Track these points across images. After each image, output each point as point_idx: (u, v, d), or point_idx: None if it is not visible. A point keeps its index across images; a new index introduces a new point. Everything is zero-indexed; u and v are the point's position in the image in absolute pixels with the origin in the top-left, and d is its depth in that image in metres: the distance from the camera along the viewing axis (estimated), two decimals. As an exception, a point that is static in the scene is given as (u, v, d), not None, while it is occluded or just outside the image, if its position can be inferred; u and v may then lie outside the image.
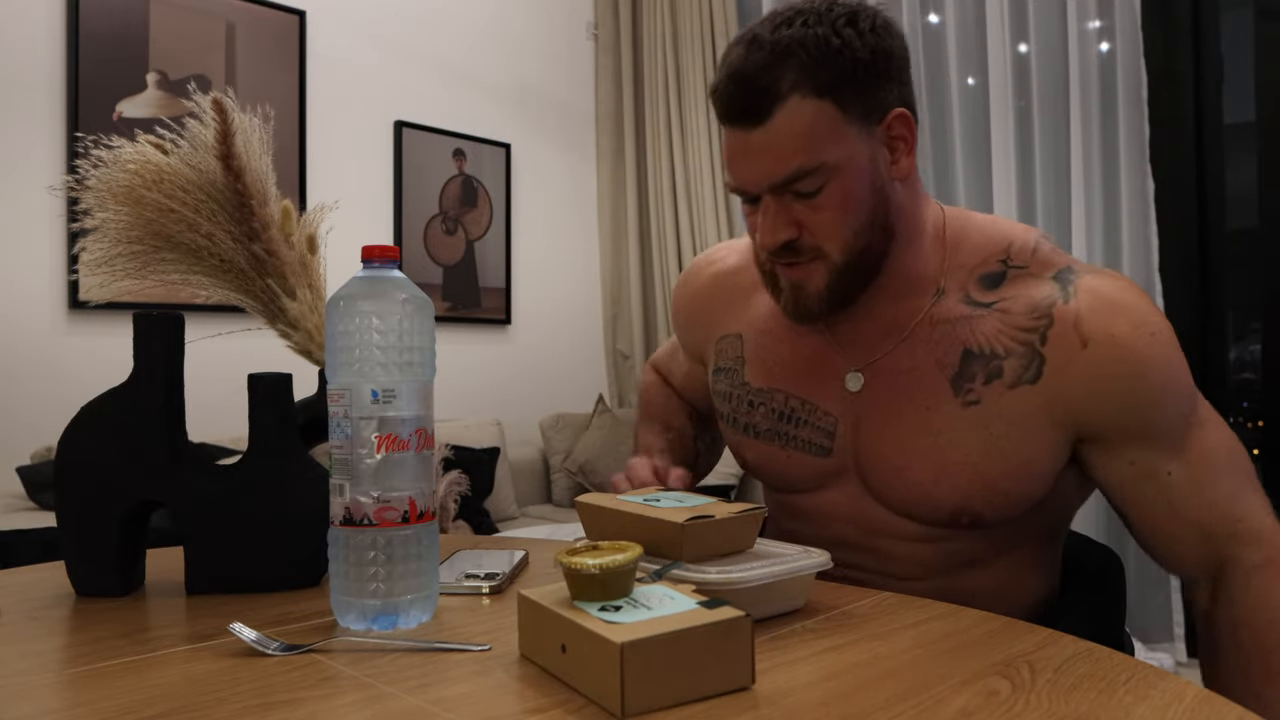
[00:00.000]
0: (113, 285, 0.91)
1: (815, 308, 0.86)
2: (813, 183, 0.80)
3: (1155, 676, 0.58)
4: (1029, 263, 0.87)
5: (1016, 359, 0.83)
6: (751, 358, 0.98)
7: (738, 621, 0.55)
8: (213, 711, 0.53)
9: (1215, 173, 2.67)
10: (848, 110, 0.80)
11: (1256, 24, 2.58)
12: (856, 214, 0.82)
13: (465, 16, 3.57)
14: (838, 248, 0.83)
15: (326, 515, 0.71)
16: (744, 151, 0.81)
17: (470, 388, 3.52)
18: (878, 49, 0.81)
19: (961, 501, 0.84)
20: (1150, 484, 0.84)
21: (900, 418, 0.87)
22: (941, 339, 0.86)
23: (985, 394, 0.83)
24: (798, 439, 0.93)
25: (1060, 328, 0.82)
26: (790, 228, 0.82)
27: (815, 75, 0.78)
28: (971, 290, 0.87)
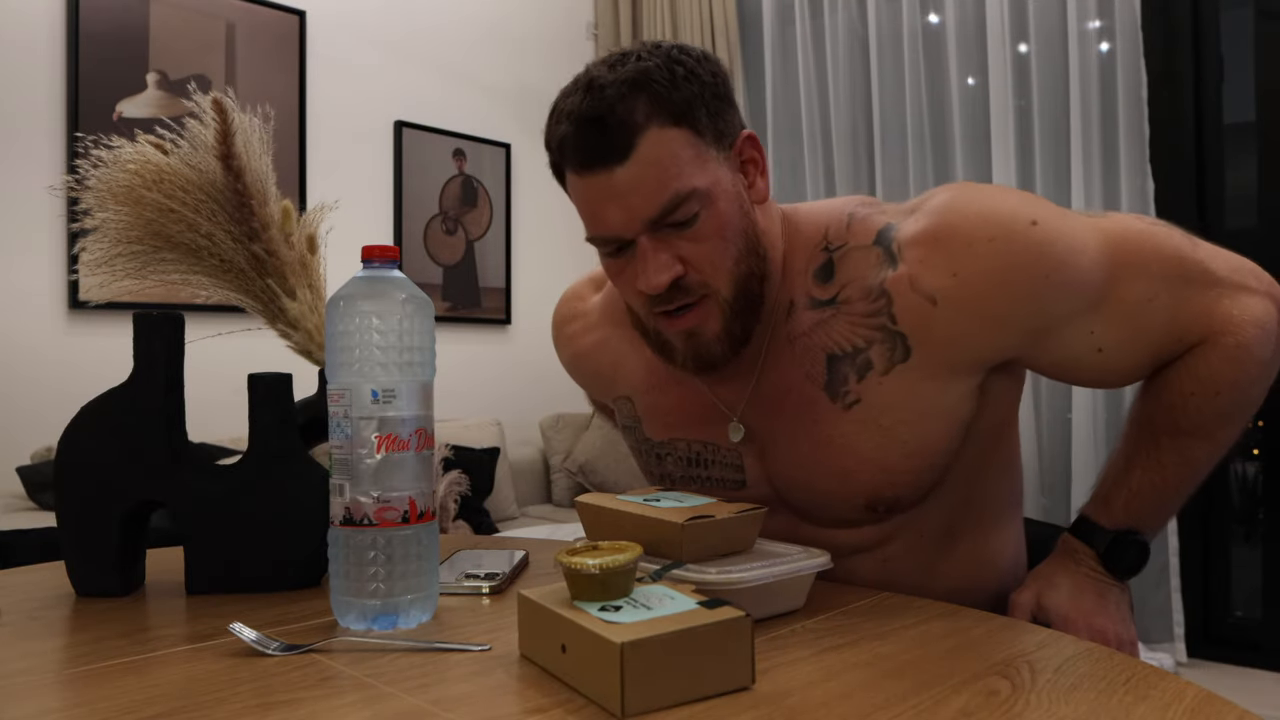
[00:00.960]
0: (113, 285, 0.91)
1: (717, 351, 0.83)
2: (688, 210, 0.77)
3: (1155, 676, 0.58)
4: (847, 239, 0.85)
5: (879, 345, 0.81)
6: (645, 415, 0.97)
7: (738, 621, 0.55)
8: (213, 711, 0.53)
9: (1215, 173, 2.67)
10: (703, 135, 0.78)
11: (1256, 24, 2.58)
12: (735, 241, 0.80)
13: (465, 16, 3.57)
14: (726, 280, 0.80)
15: (326, 515, 0.71)
16: (611, 194, 0.77)
17: (470, 388, 3.52)
18: (716, 73, 0.80)
19: (871, 495, 0.84)
20: (1085, 369, 0.84)
21: (794, 442, 0.86)
22: (803, 353, 0.85)
23: (863, 390, 0.82)
24: (711, 479, 0.93)
25: (902, 300, 0.80)
26: (674, 265, 0.78)
27: (668, 104, 0.76)
28: (812, 290, 0.85)
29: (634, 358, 0.97)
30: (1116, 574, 0.85)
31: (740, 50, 3.63)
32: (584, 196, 0.80)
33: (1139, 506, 0.85)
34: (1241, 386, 0.81)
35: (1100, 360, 0.82)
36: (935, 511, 0.88)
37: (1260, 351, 0.81)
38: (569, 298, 1.10)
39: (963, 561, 0.91)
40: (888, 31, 3.11)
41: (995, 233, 0.78)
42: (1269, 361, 0.82)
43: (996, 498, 0.94)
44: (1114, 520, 0.85)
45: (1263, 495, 2.59)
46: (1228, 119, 2.67)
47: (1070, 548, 0.87)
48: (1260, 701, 2.27)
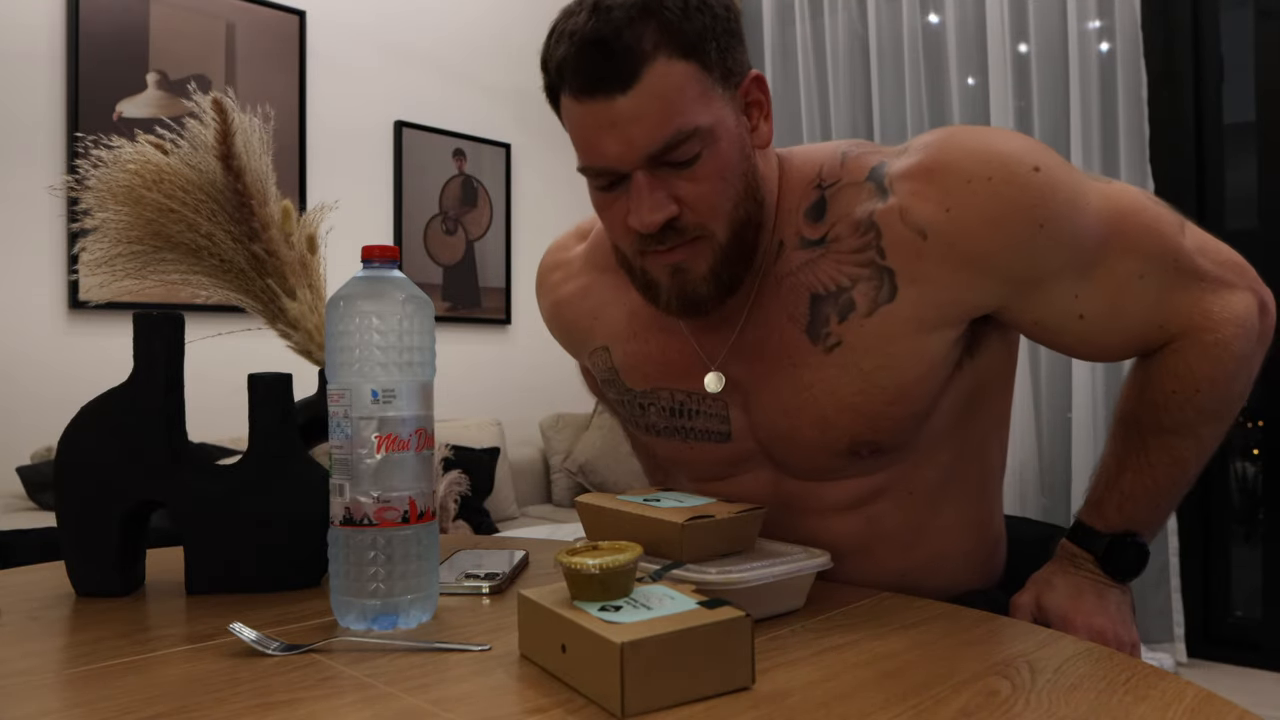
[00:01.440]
0: (113, 285, 0.91)
1: (703, 291, 0.79)
2: (690, 149, 0.73)
3: (1155, 676, 0.58)
4: (840, 175, 0.82)
5: (865, 284, 0.78)
6: (623, 365, 0.94)
7: (738, 621, 0.55)
8: (213, 711, 0.53)
9: (1215, 173, 2.67)
10: (711, 72, 0.74)
11: (1256, 24, 2.58)
12: (734, 183, 0.77)
13: (465, 17, 3.57)
14: (722, 223, 0.77)
15: (326, 515, 0.71)
16: (610, 123, 0.73)
17: (470, 388, 3.52)
18: (730, 7, 0.76)
19: (853, 438, 0.81)
20: (1068, 333, 0.82)
21: (776, 388, 0.83)
22: (788, 293, 0.82)
23: (844, 332, 0.79)
24: (695, 430, 0.89)
25: (891, 232, 0.77)
26: (670, 204, 0.75)
27: (678, 34, 0.72)
28: (803, 229, 0.82)
29: (615, 306, 0.94)
30: (1116, 576, 0.85)
31: (740, 50, 3.62)
32: (580, 123, 0.75)
33: (1133, 509, 0.85)
34: (1220, 383, 0.81)
35: (1080, 328, 0.80)
36: (923, 470, 0.86)
37: (1239, 347, 0.80)
38: (554, 248, 1.07)
39: (949, 525, 0.90)
40: (888, 32, 3.11)
41: (994, 172, 0.74)
42: (1248, 356, 0.82)
43: (985, 461, 0.92)
44: (1109, 524, 0.85)
45: (1263, 495, 2.59)
46: (1228, 119, 2.67)
47: (1069, 552, 0.87)
48: (1260, 701, 2.27)
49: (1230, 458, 2.69)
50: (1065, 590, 0.84)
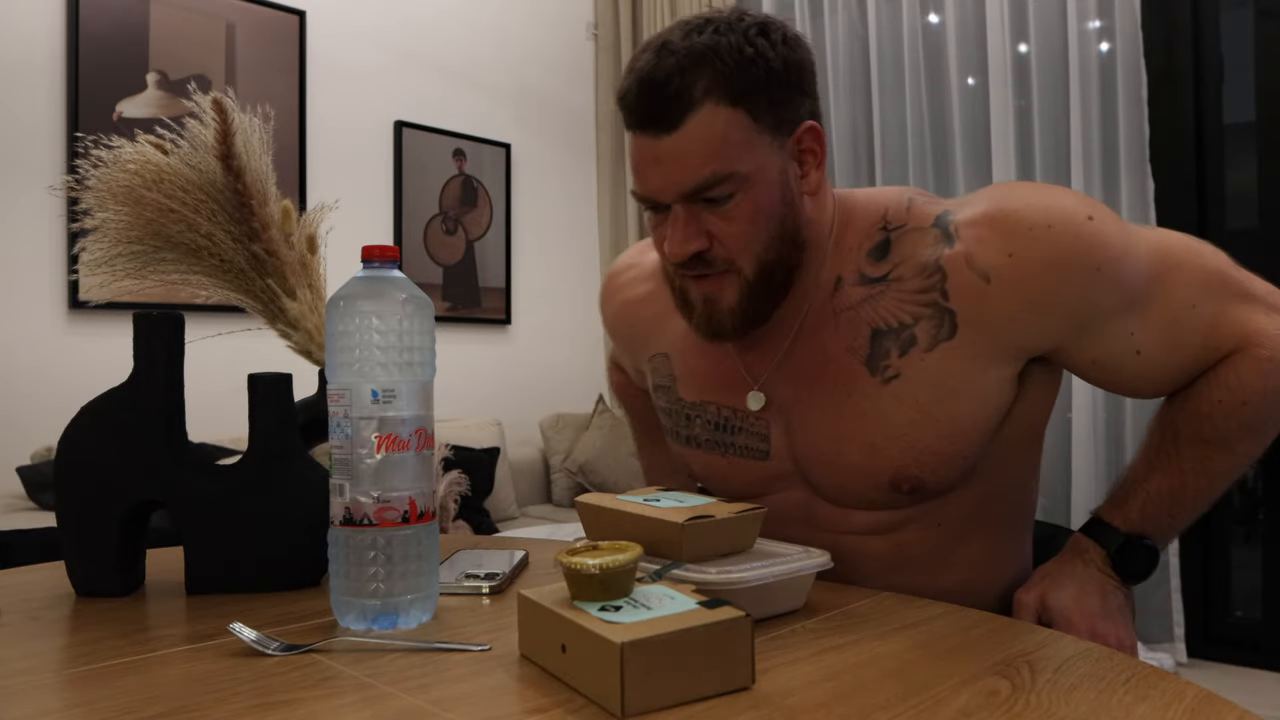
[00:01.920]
0: (113, 285, 0.91)
1: (728, 324, 0.85)
2: (724, 190, 0.79)
3: (1155, 676, 0.58)
4: (906, 220, 0.86)
5: (927, 322, 0.82)
6: (680, 374, 0.98)
7: (738, 621, 0.55)
8: (213, 711, 0.53)
9: (1215, 173, 2.67)
10: (760, 120, 0.79)
11: (1256, 24, 2.58)
12: (767, 227, 0.81)
13: (465, 17, 3.57)
14: (749, 261, 0.82)
15: (326, 515, 0.71)
16: (654, 159, 0.79)
17: (470, 388, 3.52)
18: (789, 60, 0.80)
19: (897, 471, 0.83)
20: (1125, 372, 0.84)
21: (824, 412, 0.86)
22: (846, 326, 0.85)
23: (904, 366, 0.82)
24: (735, 446, 0.93)
25: (956, 276, 0.81)
26: (701, 238, 0.81)
27: (729, 83, 0.77)
28: (864, 267, 0.86)
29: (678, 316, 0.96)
30: (1124, 577, 0.85)
31: (740, 50, 3.62)
32: (634, 153, 0.82)
33: (1154, 511, 0.85)
34: (1269, 399, 0.81)
35: (1138, 364, 0.83)
36: (956, 503, 0.87)
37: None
38: (627, 254, 1.13)
39: (976, 558, 0.90)
40: (888, 32, 3.11)
41: (1053, 220, 0.79)
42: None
43: (1017, 501, 0.94)
44: (1128, 522, 0.85)
45: (1263, 495, 2.59)
46: (1228, 119, 2.67)
47: (1080, 547, 0.87)
48: (1260, 701, 2.27)
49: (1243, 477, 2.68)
50: (1072, 590, 0.84)
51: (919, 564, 0.88)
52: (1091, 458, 2.68)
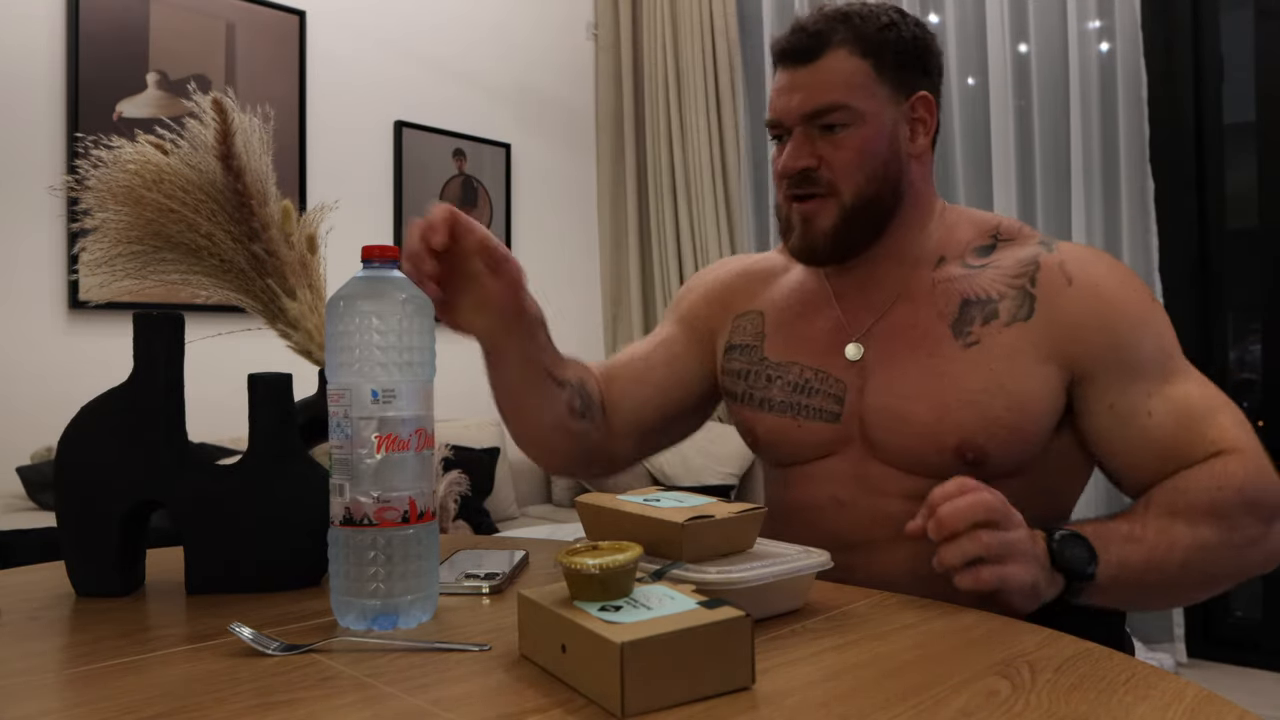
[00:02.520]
0: (113, 285, 0.91)
1: (821, 245, 0.95)
2: (839, 118, 0.91)
3: (1155, 676, 0.58)
4: (1015, 236, 0.97)
5: (1010, 300, 0.91)
6: (771, 333, 1.04)
7: (738, 621, 0.55)
8: (213, 711, 0.53)
9: (1215, 173, 2.67)
10: (882, 76, 0.92)
11: (1256, 24, 2.58)
12: (871, 163, 0.92)
13: (465, 16, 3.57)
14: (850, 188, 0.92)
15: (326, 515, 0.71)
16: (789, 87, 0.93)
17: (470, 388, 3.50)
18: (917, 38, 0.95)
19: (965, 436, 0.88)
20: (1132, 427, 0.88)
21: (904, 370, 0.93)
22: (942, 294, 0.94)
23: (984, 334, 0.91)
24: (809, 408, 0.98)
25: (1047, 271, 0.92)
26: (811, 157, 0.92)
27: (863, 38, 0.91)
28: (968, 258, 0.96)
29: (785, 281, 1.07)
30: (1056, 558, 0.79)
31: (740, 50, 3.63)
32: (775, 85, 0.96)
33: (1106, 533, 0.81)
34: (1243, 496, 0.83)
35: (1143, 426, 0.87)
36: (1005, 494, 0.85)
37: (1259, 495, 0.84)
38: None
39: None
40: (888, 31, 3.11)
41: (1136, 279, 0.93)
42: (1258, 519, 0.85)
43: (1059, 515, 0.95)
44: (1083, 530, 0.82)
45: (1263, 495, 2.59)
46: (1228, 119, 2.67)
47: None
48: (1260, 701, 2.27)
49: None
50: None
51: None
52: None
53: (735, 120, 3.60)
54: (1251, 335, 2.65)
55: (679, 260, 3.75)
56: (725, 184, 3.65)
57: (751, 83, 3.65)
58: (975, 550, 0.73)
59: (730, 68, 3.60)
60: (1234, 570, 0.86)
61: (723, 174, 3.65)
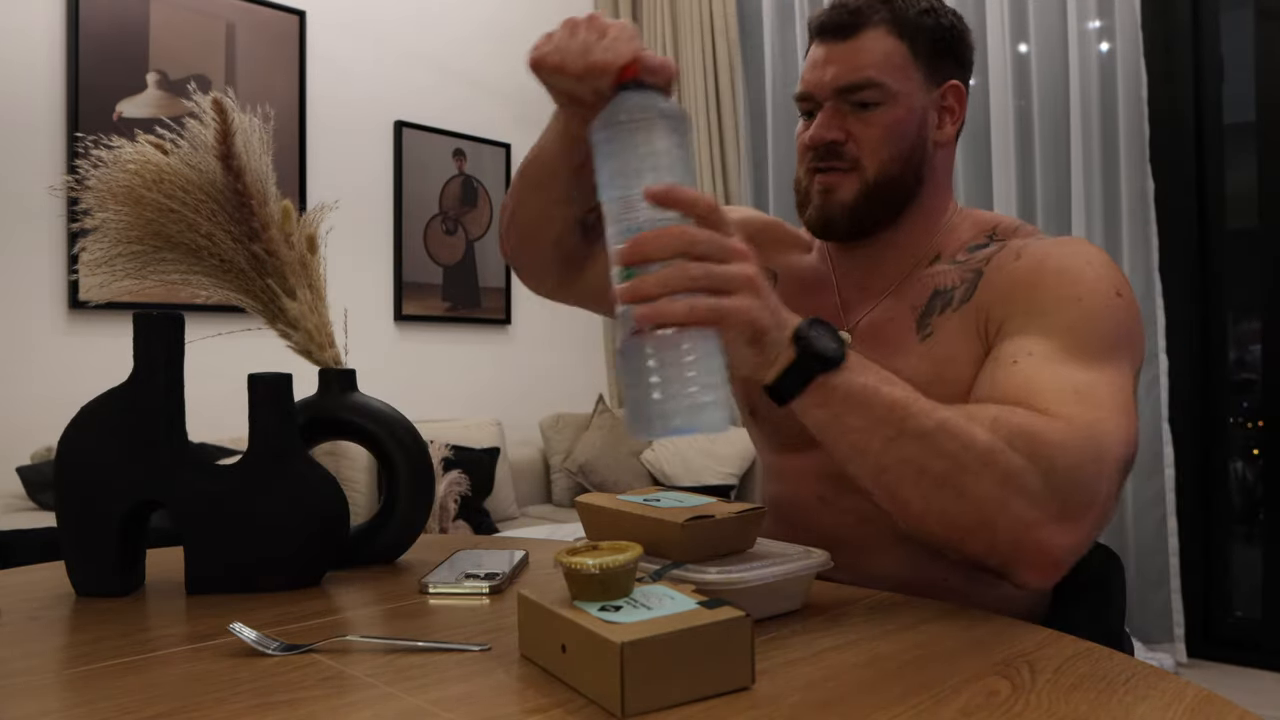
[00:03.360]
0: (113, 285, 0.91)
1: (838, 218, 0.94)
2: (872, 95, 0.91)
3: (1155, 676, 0.58)
4: (1009, 237, 0.96)
5: (964, 286, 0.92)
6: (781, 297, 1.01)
7: (738, 621, 0.55)
8: (213, 711, 0.53)
9: (1215, 173, 2.67)
10: (917, 59, 0.93)
11: (1256, 24, 2.58)
12: (898, 143, 0.92)
13: (465, 16, 3.57)
14: (874, 164, 0.92)
15: (326, 515, 0.71)
16: (824, 60, 0.93)
17: (470, 388, 3.52)
18: (954, 27, 0.95)
19: None
20: (992, 367, 0.81)
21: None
22: (919, 288, 0.95)
23: (937, 325, 0.91)
24: None
25: (1005, 252, 0.91)
26: (840, 131, 0.92)
27: (901, 21, 0.92)
28: (958, 255, 0.96)
29: (802, 253, 1.08)
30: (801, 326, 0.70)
31: (740, 50, 3.63)
32: (809, 59, 0.96)
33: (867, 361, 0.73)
34: (1030, 434, 0.71)
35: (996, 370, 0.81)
36: None
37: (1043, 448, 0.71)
38: None
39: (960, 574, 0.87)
40: (888, 31, 3.11)
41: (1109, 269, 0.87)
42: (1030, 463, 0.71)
43: None
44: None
45: (1263, 495, 2.60)
46: (1228, 119, 2.67)
47: None
48: (1260, 701, 2.27)
49: (1230, 458, 2.69)
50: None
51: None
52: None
53: (735, 120, 3.60)
54: (1251, 335, 2.65)
55: (679, 260, 3.74)
56: (725, 184, 3.65)
57: (751, 83, 3.65)
58: (679, 281, 0.62)
59: (730, 68, 3.60)
60: (975, 486, 0.70)
61: (723, 174, 3.65)
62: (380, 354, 3.21)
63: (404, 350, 3.33)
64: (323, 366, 0.93)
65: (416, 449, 0.92)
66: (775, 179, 3.55)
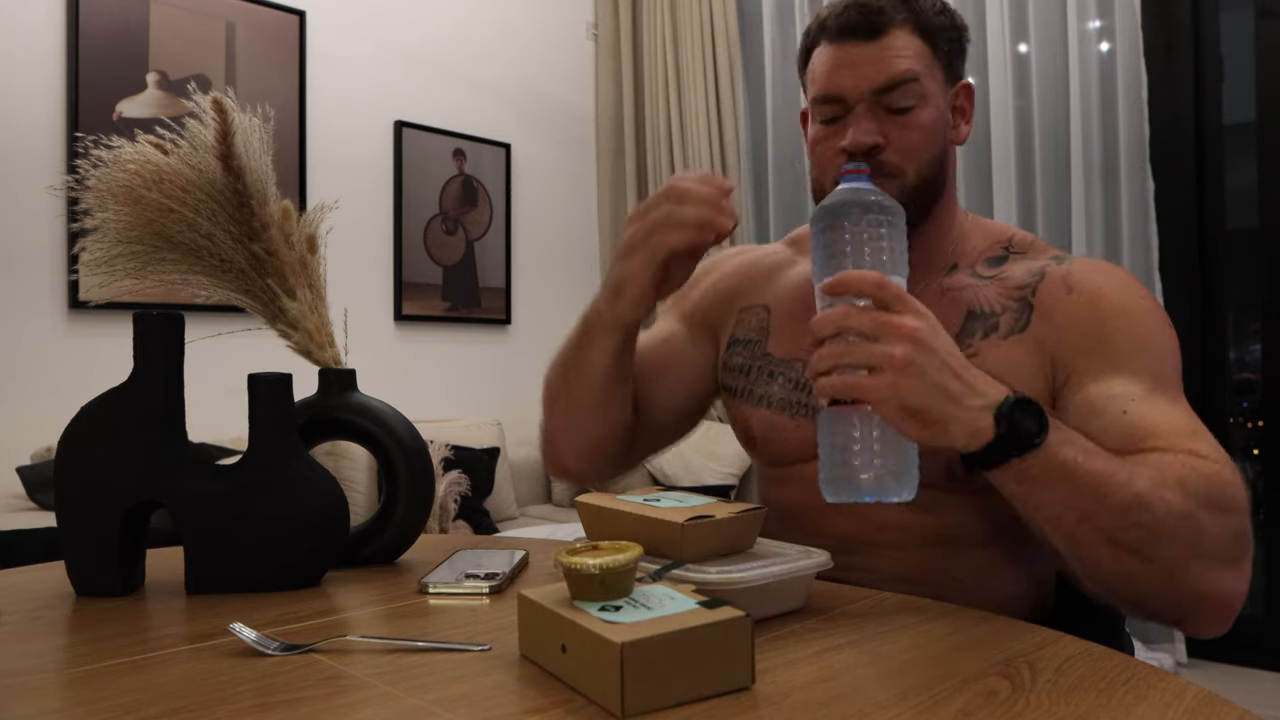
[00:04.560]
0: (113, 285, 0.91)
1: None
2: (910, 93, 0.89)
3: (1155, 676, 0.58)
4: (1028, 250, 0.96)
5: (1011, 314, 0.90)
6: (777, 329, 1.02)
7: (738, 621, 0.55)
8: (213, 711, 0.53)
9: (1215, 173, 2.67)
10: (938, 58, 0.92)
11: (1256, 24, 2.58)
12: (933, 144, 0.91)
13: (465, 16, 3.57)
14: (914, 169, 0.90)
15: (326, 515, 0.71)
16: (850, 63, 0.90)
17: (470, 388, 3.52)
18: (964, 28, 0.96)
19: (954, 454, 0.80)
20: (1106, 415, 0.80)
21: None
22: (948, 304, 0.92)
23: (982, 347, 0.89)
24: (808, 406, 0.96)
25: (1050, 282, 0.90)
26: (879, 136, 0.89)
27: (923, 21, 0.91)
28: (978, 268, 0.95)
29: (792, 273, 1.05)
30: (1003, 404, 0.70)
31: (740, 50, 3.63)
32: (827, 62, 0.92)
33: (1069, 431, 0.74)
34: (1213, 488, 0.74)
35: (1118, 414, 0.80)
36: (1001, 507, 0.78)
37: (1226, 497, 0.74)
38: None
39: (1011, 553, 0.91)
40: (888, 31, 3.11)
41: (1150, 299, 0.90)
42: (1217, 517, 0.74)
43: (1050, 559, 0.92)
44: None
45: (1263, 495, 2.59)
46: (1228, 119, 2.67)
47: None
48: (1260, 701, 2.27)
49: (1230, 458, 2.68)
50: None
51: (956, 542, 0.90)
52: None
53: (735, 120, 3.60)
54: (1251, 335, 2.65)
55: (679, 260, 3.74)
56: (725, 184, 3.64)
57: (751, 83, 3.65)
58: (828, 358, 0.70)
59: (730, 68, 3.60)
60: (1167, 550, 0.72)
61: (723, 174, 3.65)
62: (380, 354, 3.21)
63: (404, 350, 3.33)
64: (323, 366, 0.93)
65: (416, 449, 0.92)
66: (775, 179, 3.55)
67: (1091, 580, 0.75)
